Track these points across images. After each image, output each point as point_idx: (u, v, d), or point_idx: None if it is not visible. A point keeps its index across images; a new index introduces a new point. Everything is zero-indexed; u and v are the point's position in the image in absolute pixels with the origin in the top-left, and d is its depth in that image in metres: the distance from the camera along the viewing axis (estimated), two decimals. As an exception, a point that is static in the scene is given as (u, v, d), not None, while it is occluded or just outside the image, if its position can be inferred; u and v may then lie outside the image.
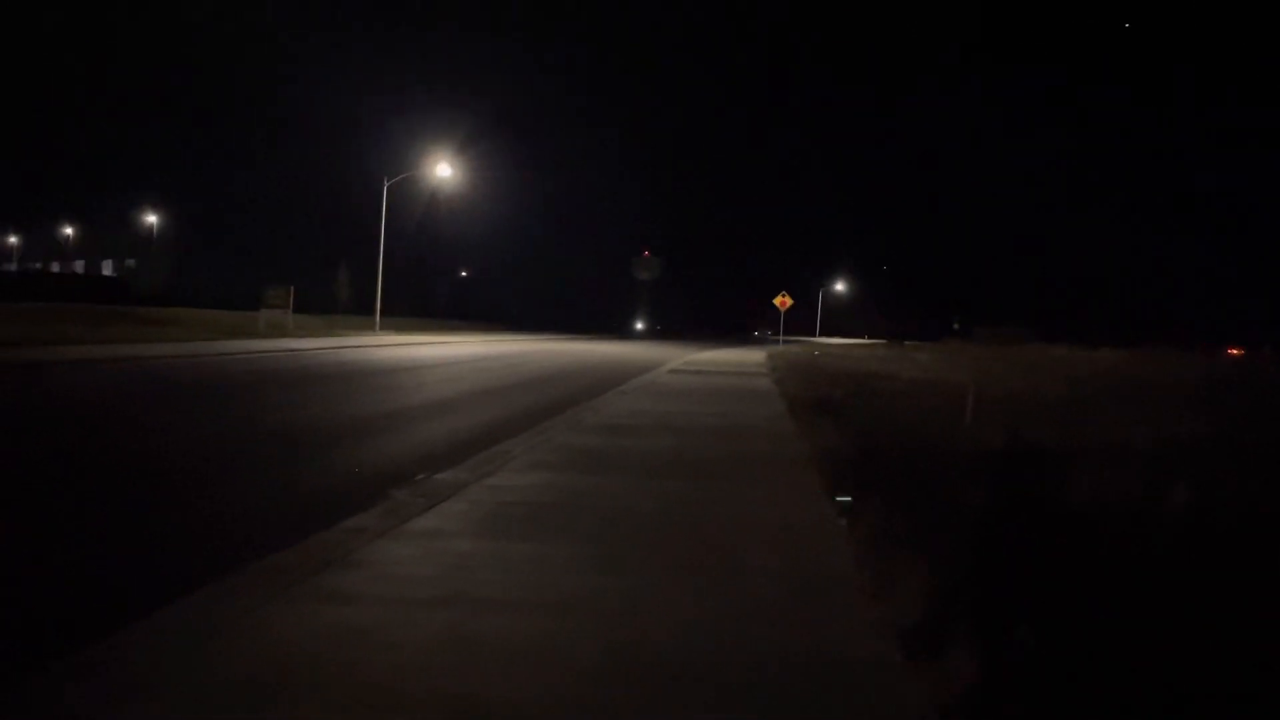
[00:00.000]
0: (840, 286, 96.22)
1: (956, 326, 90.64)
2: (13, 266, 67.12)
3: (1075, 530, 4.58)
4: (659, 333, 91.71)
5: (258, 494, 6.35)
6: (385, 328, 39.39)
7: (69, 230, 73.45)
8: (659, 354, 32.75)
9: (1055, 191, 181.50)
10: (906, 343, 65.27)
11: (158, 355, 18.29)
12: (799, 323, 68.37)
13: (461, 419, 10.75)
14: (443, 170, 37.00)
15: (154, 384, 14.07)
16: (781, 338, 47.47)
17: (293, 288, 29.45)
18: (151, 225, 66.14)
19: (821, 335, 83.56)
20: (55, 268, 67.19)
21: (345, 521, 5.02)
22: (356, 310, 47.44)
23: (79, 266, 69.48)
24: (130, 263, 63.82)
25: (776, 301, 37.63)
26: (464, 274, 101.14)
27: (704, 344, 50.12)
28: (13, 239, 74.29)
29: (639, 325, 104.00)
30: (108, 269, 69.41)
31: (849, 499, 5.56)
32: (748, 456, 7.66)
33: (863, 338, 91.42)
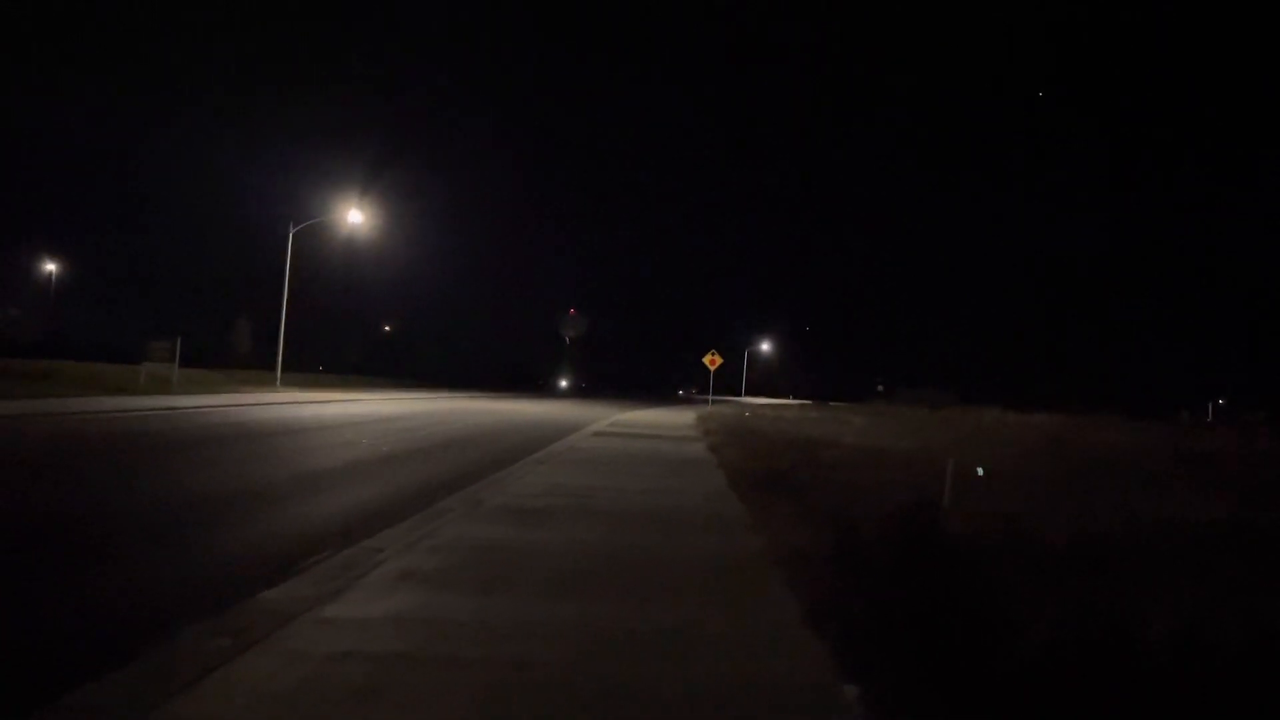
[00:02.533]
0: (765, 347, 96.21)
1: (880, 388, 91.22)
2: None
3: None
4: (584, 391, 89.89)
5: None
6: (289, 384, 36.68)
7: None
8: (583, 414, 30.89)
9: (968, 252, 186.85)
10: (832, 403, 64.83)
11: (8, 414, 15.73)
12: (725, 382, 67.40)
13: (332, 500, 8.74)
14: (354, 217, 34.86)
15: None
16: (711, 397, 46.10)
17: (179, 340, 26.75)
18: (41, 273, 61.85)
19: (747, 395, 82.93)
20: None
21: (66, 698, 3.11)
22: (261, 365, 44.38)
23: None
24: (12, 312, 59.37)
25: (706, 360, 36.26)
26: (386, 329, 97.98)
27: (630, 403, 48.44)
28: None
29: (564, 383, 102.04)
30: (-11, 318, 64.40)
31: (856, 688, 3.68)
32: (693, 560, 5.88)
33: (788, 398, 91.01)
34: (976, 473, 9.65)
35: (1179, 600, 4.36)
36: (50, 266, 63.87)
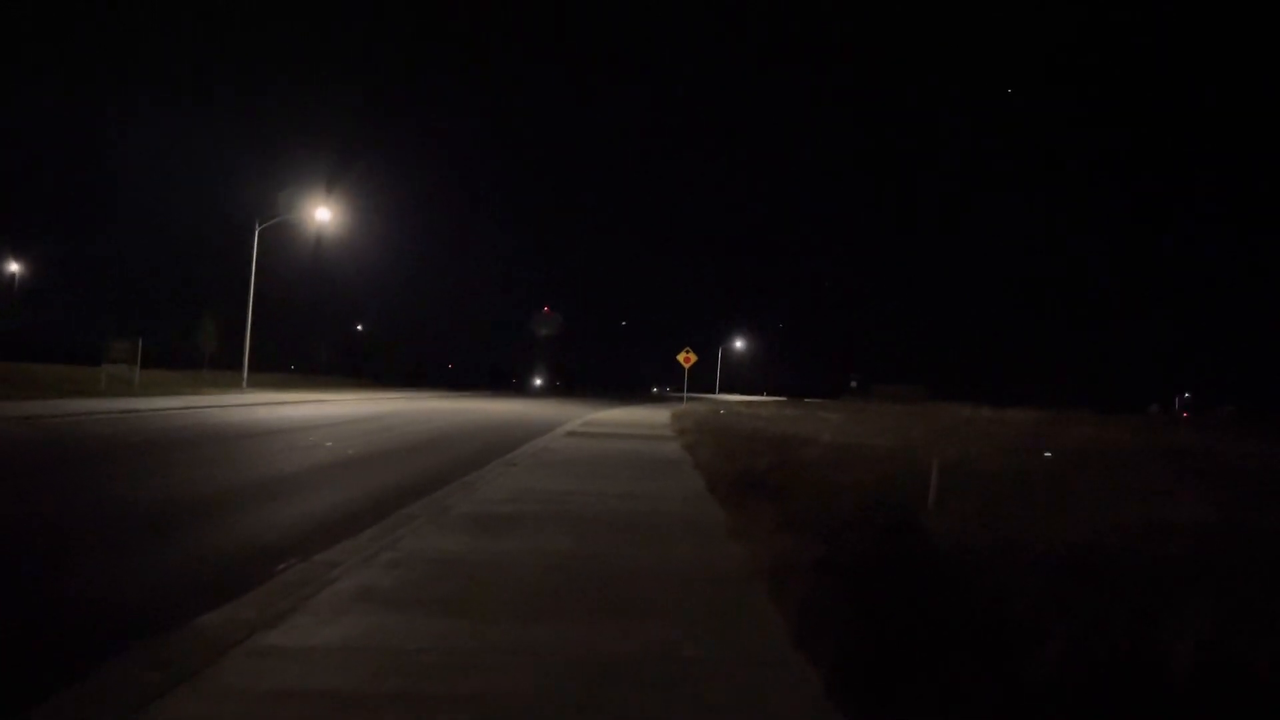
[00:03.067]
0: (739, 344, 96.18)
1: (854, 384, 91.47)
2: None
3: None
4: (559, 389, 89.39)
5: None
6: (257, 384, 35.92)
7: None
8: (557, 413, 30.48)
9: (939, 251, 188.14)
10: (807, 400, 64.83)
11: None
12: (699, 379, 67.21)
13: (289, 508, 8.30)
14: (322, 214, 34.11)
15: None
16: (685, 394, 45.81)
17: (140, 340, 26.00)
18: (2, 272, 60.26)
19: (722, 392, 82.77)
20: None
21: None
22: (229, 365, 43.45)
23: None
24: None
25: (680, 358, 35.94)
26: (359, 328, 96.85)
27: (605, 401, 48.06)
28: None
29: (538, 382, 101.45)
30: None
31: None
32: (672, 572, 5.52)
33: (762, 394, 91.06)
34: (945, 470, 9.32)
35: (1189, 613, 4.07)
36: (12, 266, 62.38)
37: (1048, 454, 10.03)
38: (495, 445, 15.37)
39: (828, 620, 4.09)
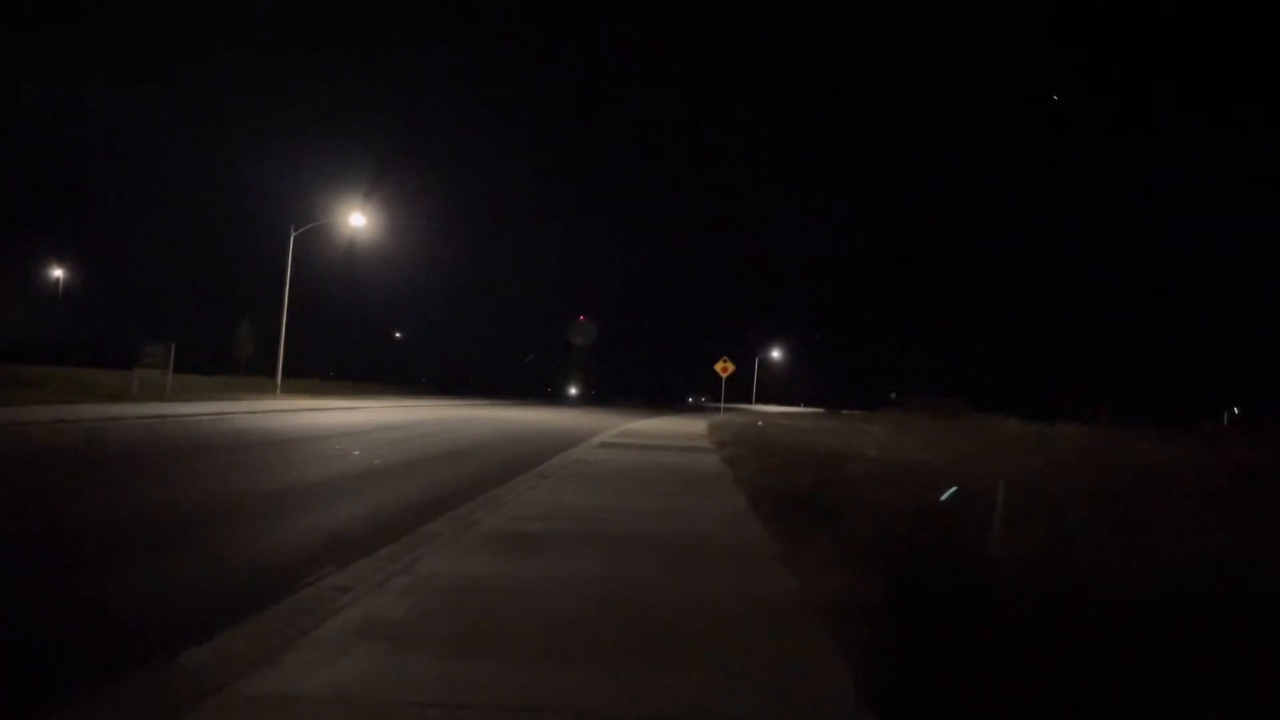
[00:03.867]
0: (776, 354, 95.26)
1: (893, 396, 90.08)
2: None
3: None
4: (594, 399, 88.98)
5: None
6: (290, 390, 35.87)
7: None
8: (591, 422, 29.96)
9: (978, 260, 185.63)
10: (845, 412, 63.69)
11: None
12: (735, 390, 66.46)
13: (303, 522, 7.82)
14: (357, 220, 34.02)
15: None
16: (722, 405, 45.13)
17: (174, 345, 25.92)
18: (40, 276, 61.27)
19: (758, 403, 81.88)
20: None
21: None
22: (264, 371, 43.57)
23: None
24: (8, 316, 58.70)
25: (718, 368, 35.28)
26: (398, 335, 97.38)
27: (640, 411, 47.50)
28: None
29: (573, 391, 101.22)
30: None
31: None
32: (714, 606, 4.92)
33: (799, 405, 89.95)
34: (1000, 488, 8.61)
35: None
36: (56, 272, 63.41)
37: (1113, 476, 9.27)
38: (527, 455, 14.87)
39: (902, 674, 3.48)
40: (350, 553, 5.99)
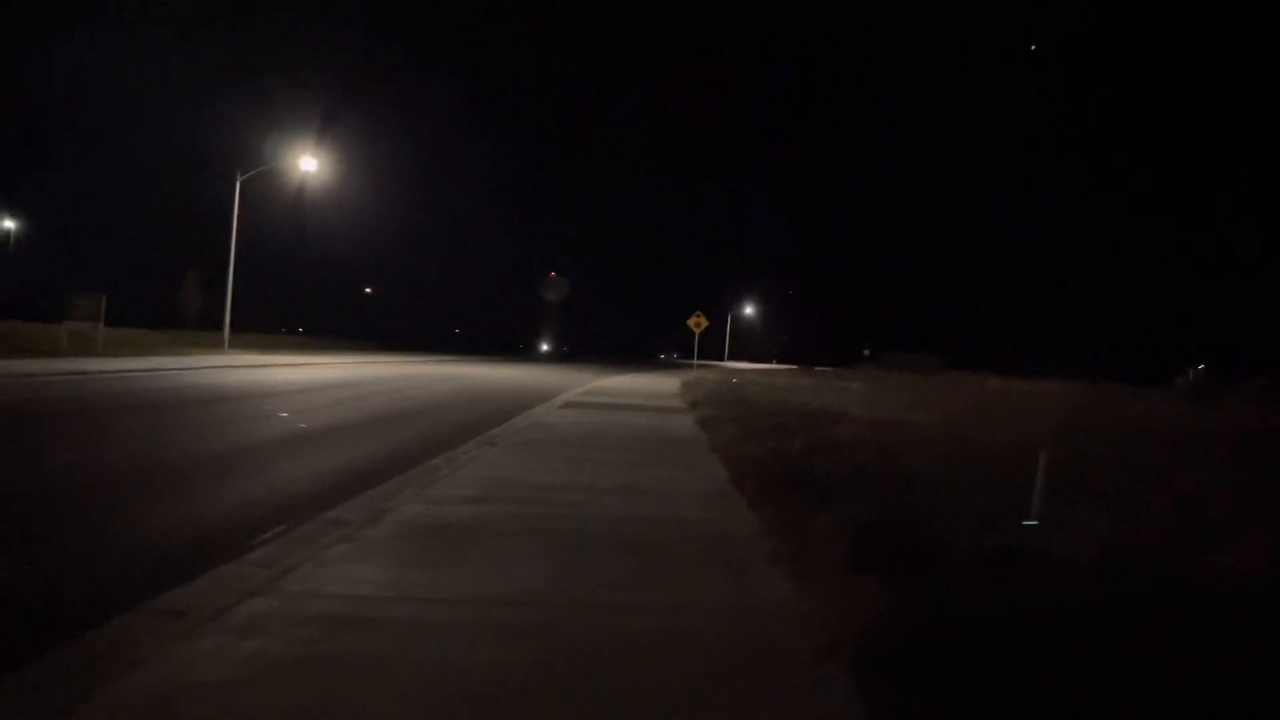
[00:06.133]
0: (749, 310, 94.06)
1: (867, 353, 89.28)
2: None
3: None
4: (565, 355, 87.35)
5: None
6: (240, 346, 34.03)
7: None
8: (558, 379, 28.51)
9: (950, 218, 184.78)
10: (819, 368, 62.63)
11: None
12: (707, 347, 65.24)
13: (180, 509, 6.32)
14: (308, 164, 31.90)
15: None
16: (695, 361, 43.82)
17: (104, 297, 23.95)
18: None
19: (730, 359, 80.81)
20: None
21: None
22: (215, 325, 41.50)
23: None
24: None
25: (691, 323, 33.83)
26: (367, 291, 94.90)
27: (610, 368, 46.05)
28: None
29: (545, 347, 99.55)
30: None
31: None
32: (694, 638, 3.52)
33: (771, 362, 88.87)
34: (1015, 454, 7.28)
35: None
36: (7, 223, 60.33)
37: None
38: (482, 416, 13.44)
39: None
40: (213, 556, 4.54)
